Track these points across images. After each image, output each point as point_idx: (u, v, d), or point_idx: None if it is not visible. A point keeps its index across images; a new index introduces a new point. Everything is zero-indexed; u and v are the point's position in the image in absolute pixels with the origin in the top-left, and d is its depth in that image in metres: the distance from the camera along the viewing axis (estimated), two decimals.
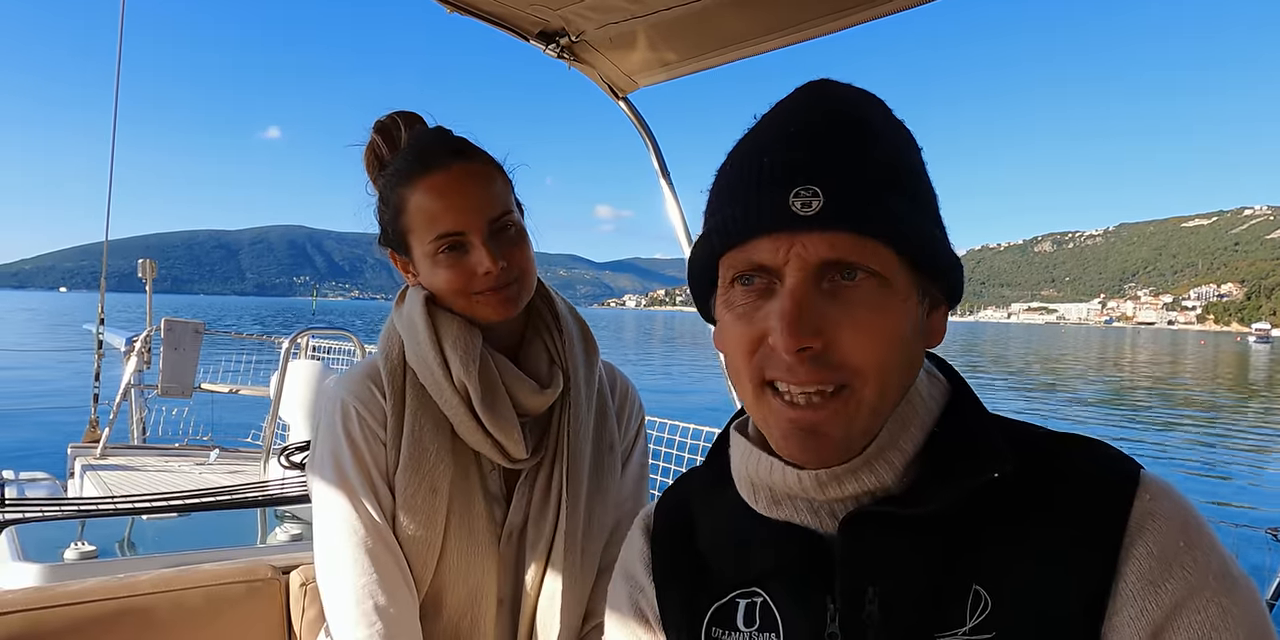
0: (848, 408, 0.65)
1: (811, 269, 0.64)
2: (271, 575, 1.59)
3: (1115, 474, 0.65)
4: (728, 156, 0.71)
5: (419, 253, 1.19)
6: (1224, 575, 0.60)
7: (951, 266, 0.70)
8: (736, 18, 1.56)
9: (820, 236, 0.63)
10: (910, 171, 0.68)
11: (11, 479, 3.78)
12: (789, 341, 0.63)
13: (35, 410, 13.20)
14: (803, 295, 0.64)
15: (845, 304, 0.64)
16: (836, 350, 0.64)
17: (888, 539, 0.66)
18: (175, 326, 4.75)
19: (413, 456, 1.17)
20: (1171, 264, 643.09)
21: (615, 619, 0.85)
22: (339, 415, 1.20)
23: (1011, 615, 0.62)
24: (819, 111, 0.67)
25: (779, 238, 0.64)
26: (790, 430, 0.66)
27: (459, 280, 1.16)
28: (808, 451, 0.66)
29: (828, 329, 0.64)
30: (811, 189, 0.63)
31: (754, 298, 0.67)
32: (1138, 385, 34.20)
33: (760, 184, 0.65)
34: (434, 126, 1.25)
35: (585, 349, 1.32)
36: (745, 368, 0.68)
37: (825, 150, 0.65)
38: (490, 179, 1.19)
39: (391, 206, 1.20)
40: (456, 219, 1.15)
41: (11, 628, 1.35)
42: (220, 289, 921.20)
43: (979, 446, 0.67)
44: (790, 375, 0.64)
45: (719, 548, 0.77)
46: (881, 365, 0.65)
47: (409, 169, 1.18)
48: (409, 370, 1.22)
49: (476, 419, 1.18)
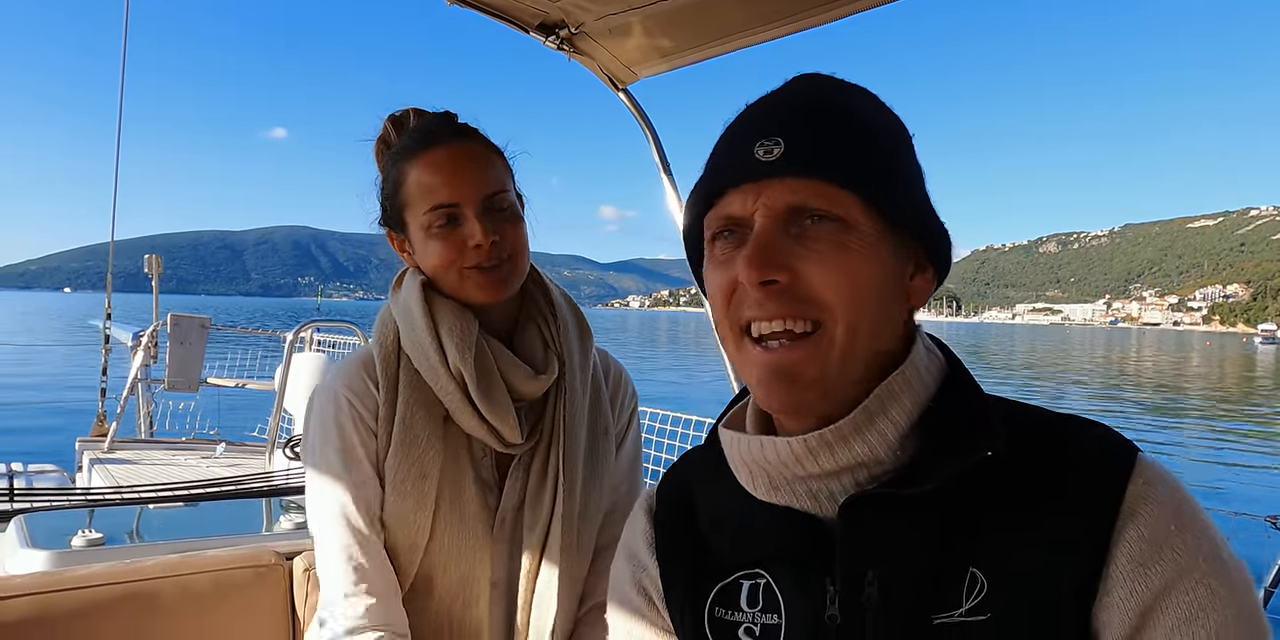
0: (819, 348, 0.67)
1: (776, 215, 0.68)
2: (275, 561, 1.61)
3: (1111, 457, 0.65)
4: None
5: (414, 227, 1.21)
6: (1214, 558, 0.61)
7: (934, 232, 0.72)
8: (735, 7, 1.57)
9: (781, 182, 0.67)
10: (888, 144, 0.70)
11: (21, 471, 3.81)
12: (752, 274, 0.66)
13: (43, 404, 13.26)
14: (768, 235, 0.67)
15: (810, 242, 0.67)
16: (802, 284, 0.67)
17: (887, 522, 0.66)
18: (181, 322, 4.78)
19: (403, 442, 1.19)
20: (1177, 265, 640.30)
21: (618, 598, 0.86)
22: (330, 405, 1.23)
23: (1006, 597, 0.63)
24: (801, 95, 0.71)
25: (746, 189, 0.68)
26: (765, 375, 0.68)
27: (450, 253, 1.18)
28: (785, 394, 0.68)
29: (794, 264, 0.67)
30: (775, 139, 0.67)
31: (730, 249, 0.71)
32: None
33: (732, 142, 0.71)
34: (440, 111, 1.27)
35: (580, 334, 1.34)
36: (725, 316, 0.71)
37: (796, 114, 0.69)
38: (489, 160, 1.22)
39: (391, 181, 1.23)
40: (452, 191, 1.17)
41: (21, 611, 1.37)
42: (225, 289, 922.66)
43: (975, 424, 0.68)
44: (760, 310, 0.68)
45: (721, 529, 0.77)
46: (849, 301, 0.67)
47: (411, 145, 1.21)
48: (403, 356, 1.23)
49: (472, 405, 1.19)
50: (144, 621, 1.46)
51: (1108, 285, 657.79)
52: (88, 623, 1.41)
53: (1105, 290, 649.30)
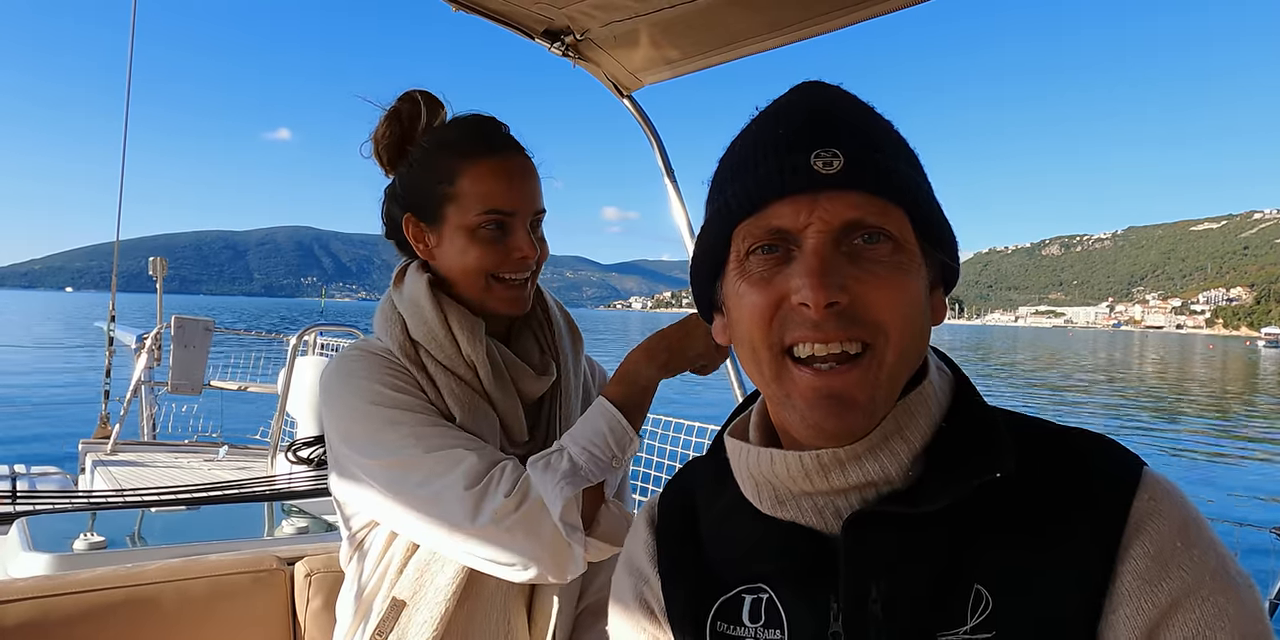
0: (870, 371, 0.64)
1: (833, 230, 0.64)
2: (276, 566, 1.61)
3: (1117, 472, 0.64)
4: (734, 140, 0.71)
5: (454, 224, 1.20)
6: (1221, 575, 0.60)
7: (952, 244, 0.71)
8: (740, 15, 1.57)
9: (841, 197, 0.63)
10: (912, 151, 0.70)
11: (23, 473, 3.81)
12: (818, 295, 0.62)
13: (47, 406, 13.29)
14: (828, 253, 0.64)
15: (867, 263, 0.64)
16: (861, 306, 0.64)
17: (891, 539, 0.65)
18: (185, 324, 4.78)
19: (460, 405, 1.17)
20: (1180, 268, 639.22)
21: (620, 610, 0.85)
22: (359, 363, 1.19)
23: (1011, 614, 0.62)
24: (826, 97, 0.69)
25: (799, 200, 0.64)
26: (816, 398, 0.65)
27: (491, 259, 1.19)
28: (838, 419, 0.65)
29: (851, 286, 0.63)
30: (831, 150, 0.63)
31: (772, 265, 0.66)
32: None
33: (779, 150, 0.65)
34: (488, 115, 1.28)
35: (572, 340, 1.36)
36: (763, 337, 0.67)
37: (842, 119, 0.66)
38: (538, 178, 1.24)
39: (437, 173, 1.20)
40: (514, 200, 1.19)
41: (22, 614, 1.37)
42: (228, 289, 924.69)
43: (985, 443, 0.67)
44: (816, 332, 0.63)
45: (724, 543, 0.76)
46: (905, 324, 0.65)
47: (471, 145, 1.20)
48: (418, 346, 1.21)
49: (486, 398, 1.20)
50: (145, 626, 1.46)
51: (1110, 288, 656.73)
52: (89, 627, 1.41)
53: (1108, 293, 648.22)
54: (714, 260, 0.72)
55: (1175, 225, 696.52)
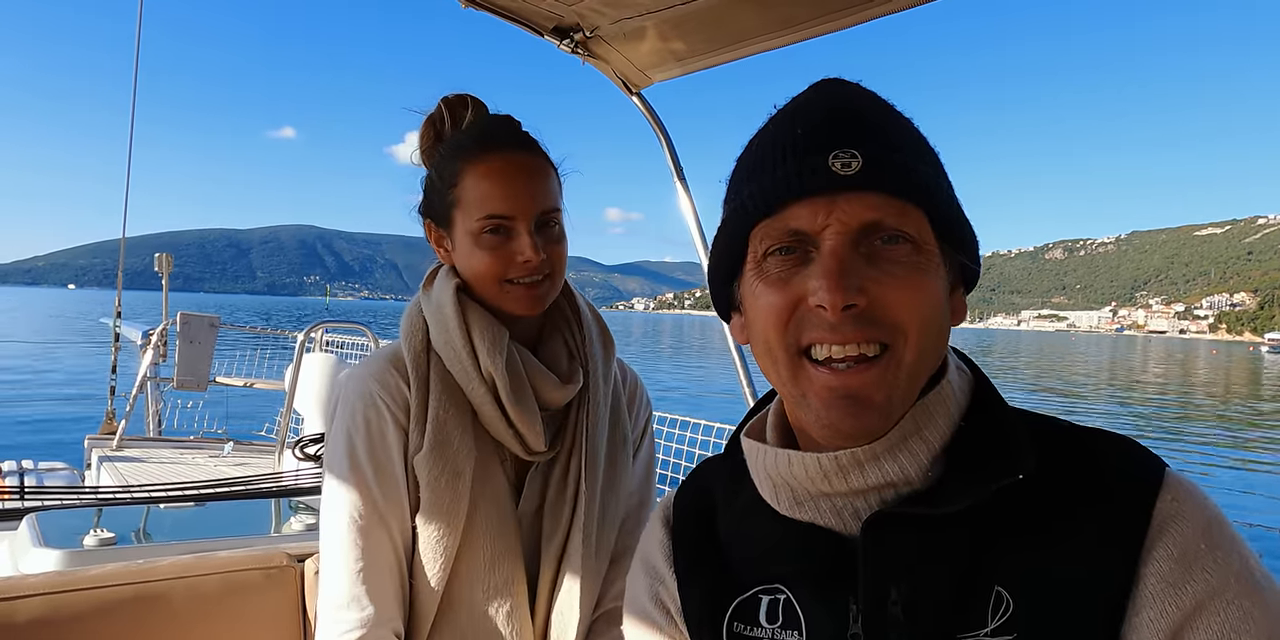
0: (888, 371, 0.64)
1: (851, 232, 0.64)
2: (287, 563, 1.61)
3: (1139, 473, 0.64)
4: (752, 139, 0.71)
5: (461, 228, 1.19)
6: (1246, 577, 0.59)
7: (973, 245, 0.70)
8: (749, 13, 1.57)
9: (860, 198, 0.63)
10: (933, 150, 0.69)
11: (31, 468, 3.83)
12: (835, 297, 0.62)
13: (52, 402, 13.31)
14: (846, 255, 0.63)
15: (885, 264, 0.64)
16: (879, 307, 0.64)
17: (911, 540, 0.65)
18: (191, 320, 4.78)
19: (437, 440, 1.17)
20: (1184, 272, 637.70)
21: (635, 610, 0.84)
22: (358, 400, 1.20)
23: (1033, 617, 0.61)
24: (845, 95, 0.69)
25: (817, 202, 0.64)
26: (832, 398, 0.65)
27: (497, 265, 1.17)
28: (854, 419, 0.64)
29: (869, 287, 0.63)
30: (850, 151, 0.63)
31: (790, 266, 0.66)
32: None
33: (796, 151, 0.65)
34: (502, 114, 1.26)
35: (603, 345, 1.33)
36: (779, 337, 0.67)
37: (861, 119, 0.66)
38: (546, 175, 1.21)
39: (445, 177, 1.20)
40: (511, 204, 1.16)
41: (34, 610, 1.37)
42: (231, 287, 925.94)
43: (1006, 444, 0.66)
44: (834, 334, 0.63)
45: (740, 543, 0.76)
46: (923, 324, 0.64)
47: (472, 146, 1.19)
48: (434, 355, 1.21)
49: (501, 410, 1.19)
50: (157, 622, 1.46)
51: (1114, 292, 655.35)
52: (101, 623, 1.41)
53: (1111, 297, 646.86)
54: (731, 260, 0.72)
55: (1179, 230, 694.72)
